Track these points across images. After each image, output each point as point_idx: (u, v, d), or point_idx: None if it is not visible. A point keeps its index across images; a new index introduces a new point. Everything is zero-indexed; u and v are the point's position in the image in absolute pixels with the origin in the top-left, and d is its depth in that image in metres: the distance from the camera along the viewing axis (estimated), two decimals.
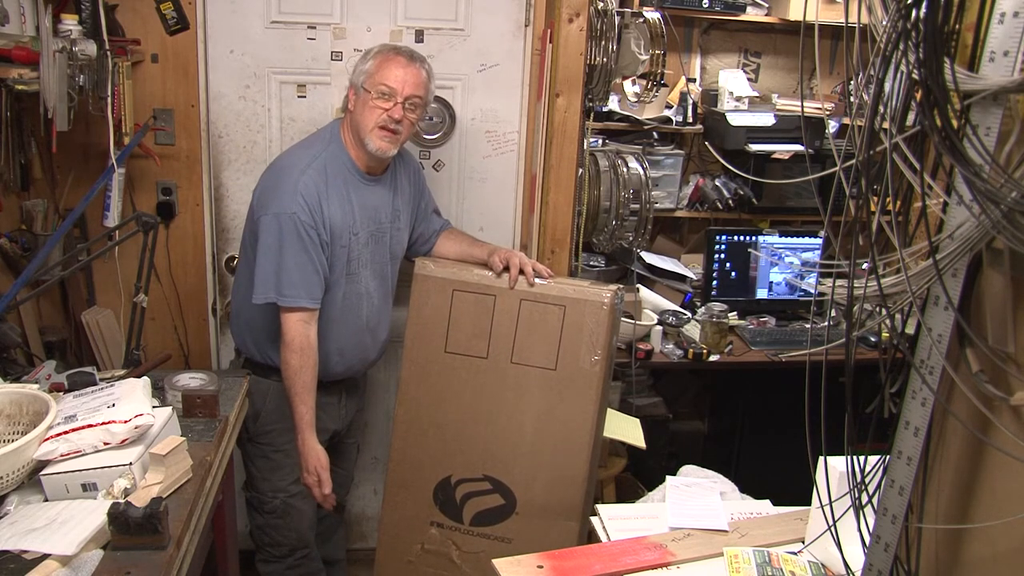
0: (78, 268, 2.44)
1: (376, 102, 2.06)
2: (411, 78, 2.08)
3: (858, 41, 1.00)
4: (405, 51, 2.13)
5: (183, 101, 2.50)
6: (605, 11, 2.42)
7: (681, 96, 3.27)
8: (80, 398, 1.77)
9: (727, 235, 3.24)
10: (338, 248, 2.13)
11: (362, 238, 2.18)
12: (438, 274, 2.26)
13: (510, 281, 2.20)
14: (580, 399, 2.18)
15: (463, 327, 2.23)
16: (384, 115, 2.07)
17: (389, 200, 2.25)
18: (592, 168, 2.68)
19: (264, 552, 2.38)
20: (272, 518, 2.31)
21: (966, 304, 1.00)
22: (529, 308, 2.19)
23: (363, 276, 2.22)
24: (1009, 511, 1.01)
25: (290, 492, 2.29)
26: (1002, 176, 0.87)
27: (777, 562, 1.57)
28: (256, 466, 2.31)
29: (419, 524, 2.33)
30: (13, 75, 1.98)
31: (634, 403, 2.95)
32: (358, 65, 2.14)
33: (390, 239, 2.27)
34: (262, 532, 2.35)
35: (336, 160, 2.13)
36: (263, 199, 2.11)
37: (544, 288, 2.20)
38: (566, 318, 2.17)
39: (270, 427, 2.27)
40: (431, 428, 2.29)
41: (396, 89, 2.06)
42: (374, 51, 2.13)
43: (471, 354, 2.24)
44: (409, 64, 2.09)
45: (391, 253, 2.29)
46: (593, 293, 2.16)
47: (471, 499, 2.29)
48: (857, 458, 1.15)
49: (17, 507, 1.56)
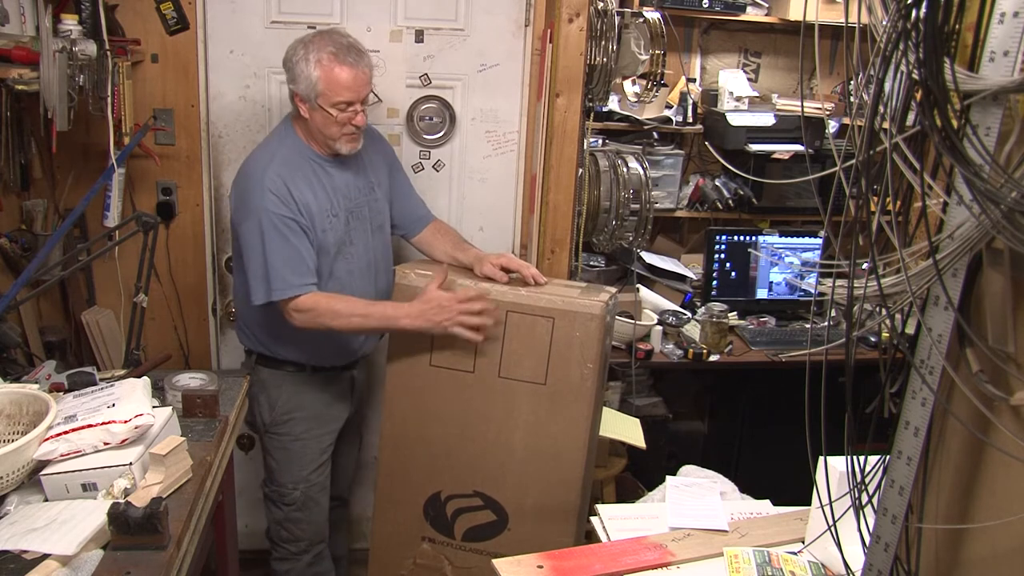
0: (78, 268, 2.44)
1: (337, 116, 2.06)
2: (361, 82, 2.07)
3: (858, 41, 1.00)
4: (345, 52, 2.05)
5: (183, 101, 2.50)
6: (605, 11, 2.42)
7: (681, 96, 3.27)
8: (80, 398, 1.77)
9: (727, 235, 3.24)
10: (319, 232, 2.14)
11: (342, 218, 2.19)
12: (420, 284, 2.14)
13: (527, 279, 2.12)
14: (572, 414, 2.10)
15: (448, 340, 2.12)
16: (348, 125, 2.09)
17: (360, 174, 2.26)
18: (592, 168, 2.68)
19: (281, 549, 2.38)
20: (292, 511, 2.32)
21: (966, 304, 1.00)
22: (516, 320, 2.10)
23: (353, 254, 2.23)
24: (1009, 511, 1.01)
25: (310, 482, 2.30)
26: (1002, 176, 0.87)
27: (777, 562, 1.57)
28: (275, 458, 2.32)
29: (410, 539, 2.29)
30: (13, 75, 1.98)
31: (634, 403, 2.95)
32: (298, 68, 2.05)
33: (369, 211, 2.27)
34: (280, 527, 2.35)
35: (295, 152, 2.14)
36: (237, 208, 2.14)
37: (532, 298, 2.09)
38: (555, 331, 2.07)
39: (287, 416, 2.28)
40: (418, 443, 2.23)
41: (352, 100, 2.06)
42: (312, 55, 2.03)
43: (457, 368, 2.15)
44: (355, 68, 2.05)
45: (374, 224, 2.29)
46: (583, 304, 2.05)
47: (462, 515, 2.25)
48: (857, 458, 1.15)
49: (17, 507, 1.56)
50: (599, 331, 2.05)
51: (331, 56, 2.03)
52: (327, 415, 2.34)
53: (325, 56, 2.03)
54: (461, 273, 2.22)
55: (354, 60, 2.06)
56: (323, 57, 2.03)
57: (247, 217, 2.08)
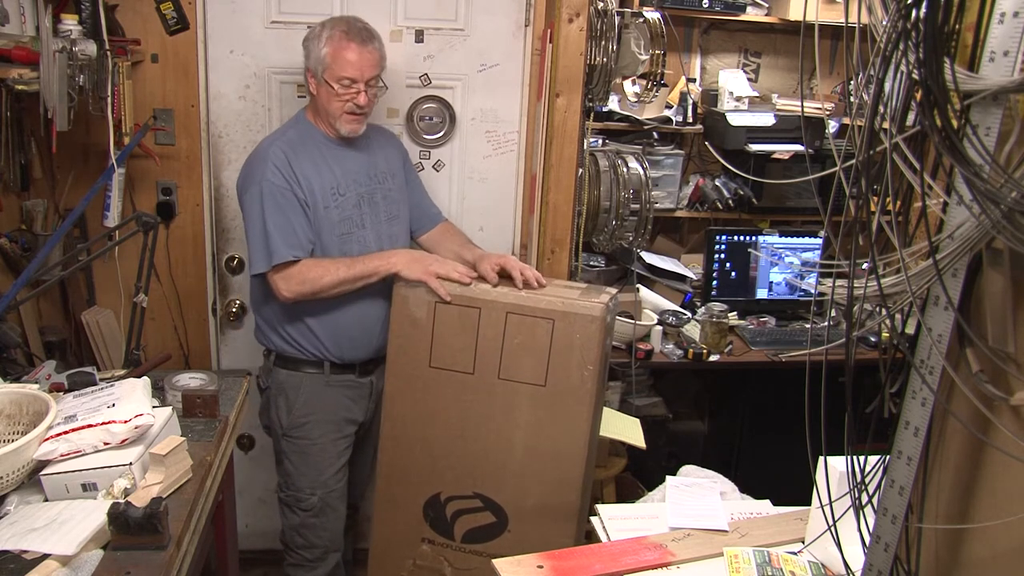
0: (78, 268, 2.44)
1: (340, 93, 2.13)
2: (368, 61, 2.13)
3: (858, 41, 1.00)
4: (356, 32, 2.14)
5: (183, 101, 2.50)
6: (605, 11, 2.42)
7: (681, 96, 3.27)
8: (80, 398, 1.77)
9: (727, 235, 3.24)
10: (322, 209, 2.16)
11: (351, 199, 2.22)
12: (419, 285, 2.14)
13: (517, 283, 2.11)
14: (572, 416, 2.09)
15: (447, 341, 2.13)
16: (350, 103, 2.14)
17: (370, 162, 2.29)
18: (592, 168, 2.68)
19: (296, 555, 2.36)
20: (308, 516, 2.30)
21: (966, 304, 1.00)
22: (516, 322, 2.08)
23: (365, 238, 2.24)
24: (1009, 511, 1.01)
25: (328, 487, 2.30)
26: (1002, 176, 0.87)
27: (777, 562, 1.57)
28: (292, 462, 2.31)
29: (410, 540, 2.28)
30: (13, 75, 1.98)
31: (634, 403, 2.95)
32: (311, 45, 2.16)
33: (383, 198, 2.30)
34: (296, 533, 2.34)
35: (305, 133, 2.21)
36: (241, 183, 2.20)
37: (532, 300, 2.08)
38: (555, 332, 2.05)
39: (304, 419, 2.27)
40: (418, 444, 2.22)
41: (356, 77, 2.12)
42: (325, 33, 2.14)
43: (457, 369, 2.14)
44: (363, 48, 2.13)
45: (388, 213, 2.31)
46: (583, 306, 2.04)
47: (462, 516, 2.24)
48: (857, 458, 1.15)
49: (17, 507, 1.56)
50: (599, 333, 2.04)
51: (342, 34, 2.12)
52: (344, 419, 2.33)
53: (336, 33, 2.13)
54: None
55: (362, 40, 2.13)
56: (334, 34, 2.13)
57: (249, 187, 2.13)
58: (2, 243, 2.30)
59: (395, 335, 2.19)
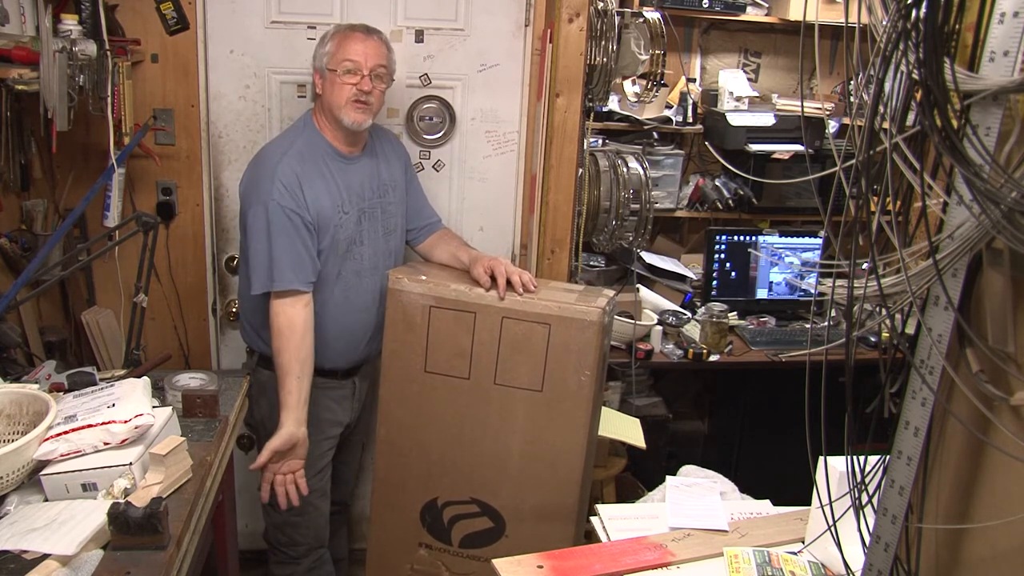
0: (78, 268, 2.44)
1: (344, 79, 2.13)
2: (372, 50, 2.15)
3: (858, 41, 1.00)
4: (360, 27, 2.19)
5: (183, 101, 2.50)
6: (605, 11, 2.42)
7: (681, 96, 3.27)
8: (80, 398, 1.77)
9: (727, 235, 3.24)
10: (329, 228, 2.15)
11: (352, 216, 2.21)
12: (414, 289, 2.12)
13: (499, 292, 2.07)
14: (569, 421, 2.07)
15: (442, 345, 2.10)
16: (354, 89, 2.13)
17: (373, 174, 2.28)
18: (592, 168, 2.68)
19: (280, 553, 2.37)
20: (290, 515, 2.30)
21: (966, 304, 1.00)
22: (512, 326, 2.06)
23: (361, 254, 2.23)
24: (1009, 511, 1.01)
25: (309, 487, 2.29)
26: (1002, 176, 0.87)
27: (777, 562, 1.57)
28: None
29: (407, 545, 2.28)
30: (13, 75, 1.98)
31: (634, 403, 2.95)
32: (317, 49, 2.20)
33: (382, 212, 2.29)
34: (279, 531, 2.34)
35: (312, 144, 2.18)
36: (246, 193, 2.16)
37: (527, 304, 2.05)
38: (551, 337, 2.03)
39: None
40: (414, 450, 2.21)
41: (360, 62, 2.13)
42: (330, 33, 2.19)
43: (452, 374, 2.13)
44: (367, 37, 2.16)
45: (386, 227, 2.30)
46: (579, 310, 2.02)
47: (459, 521, 2.23)
48: (857, 458, 1.15)
49: (17, 507, 1.56)
50: (596, 338, 2.02)
51: (346, 28, 2.20)
52: (327, 421, 2.33)
53: (341, 29, 2.19)
54: (456, 278, 2.19)
55: (366, 31, 2.18)
56: (338, 31, 2.19)
57: (255, 203, 2.10)
58: (2, 243, 2.29)
59: (390, 339, 2.17)
